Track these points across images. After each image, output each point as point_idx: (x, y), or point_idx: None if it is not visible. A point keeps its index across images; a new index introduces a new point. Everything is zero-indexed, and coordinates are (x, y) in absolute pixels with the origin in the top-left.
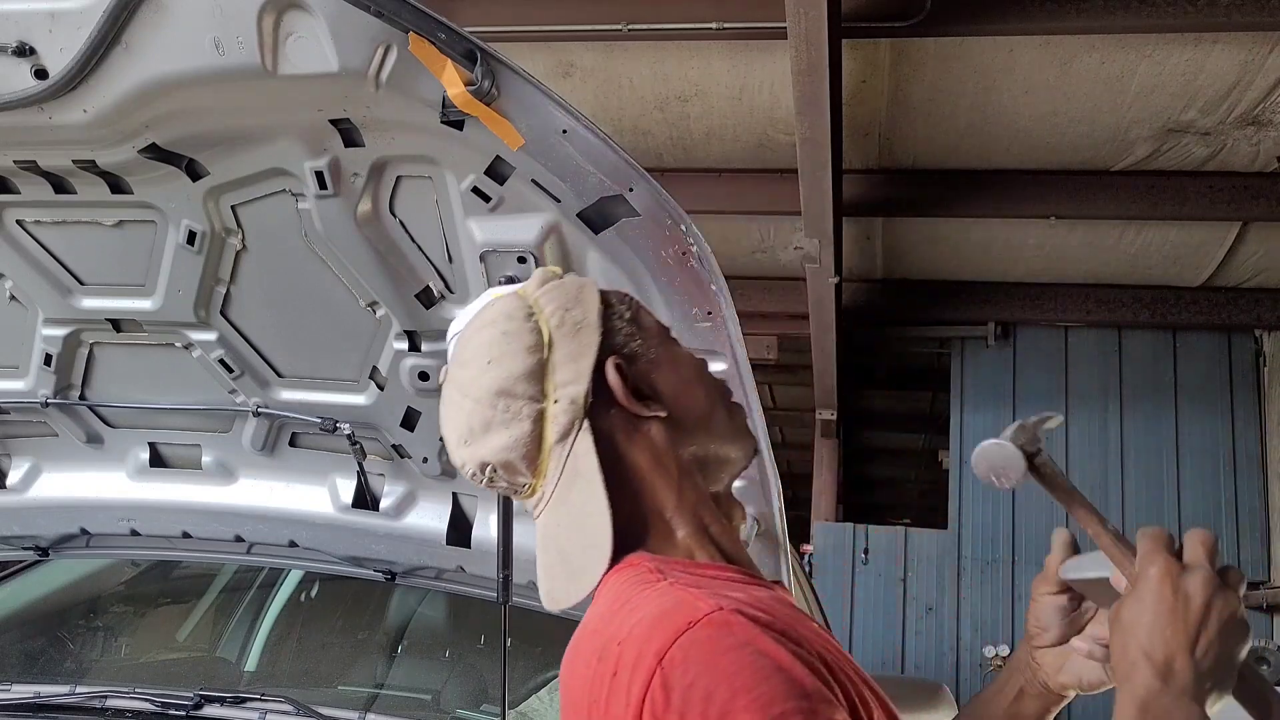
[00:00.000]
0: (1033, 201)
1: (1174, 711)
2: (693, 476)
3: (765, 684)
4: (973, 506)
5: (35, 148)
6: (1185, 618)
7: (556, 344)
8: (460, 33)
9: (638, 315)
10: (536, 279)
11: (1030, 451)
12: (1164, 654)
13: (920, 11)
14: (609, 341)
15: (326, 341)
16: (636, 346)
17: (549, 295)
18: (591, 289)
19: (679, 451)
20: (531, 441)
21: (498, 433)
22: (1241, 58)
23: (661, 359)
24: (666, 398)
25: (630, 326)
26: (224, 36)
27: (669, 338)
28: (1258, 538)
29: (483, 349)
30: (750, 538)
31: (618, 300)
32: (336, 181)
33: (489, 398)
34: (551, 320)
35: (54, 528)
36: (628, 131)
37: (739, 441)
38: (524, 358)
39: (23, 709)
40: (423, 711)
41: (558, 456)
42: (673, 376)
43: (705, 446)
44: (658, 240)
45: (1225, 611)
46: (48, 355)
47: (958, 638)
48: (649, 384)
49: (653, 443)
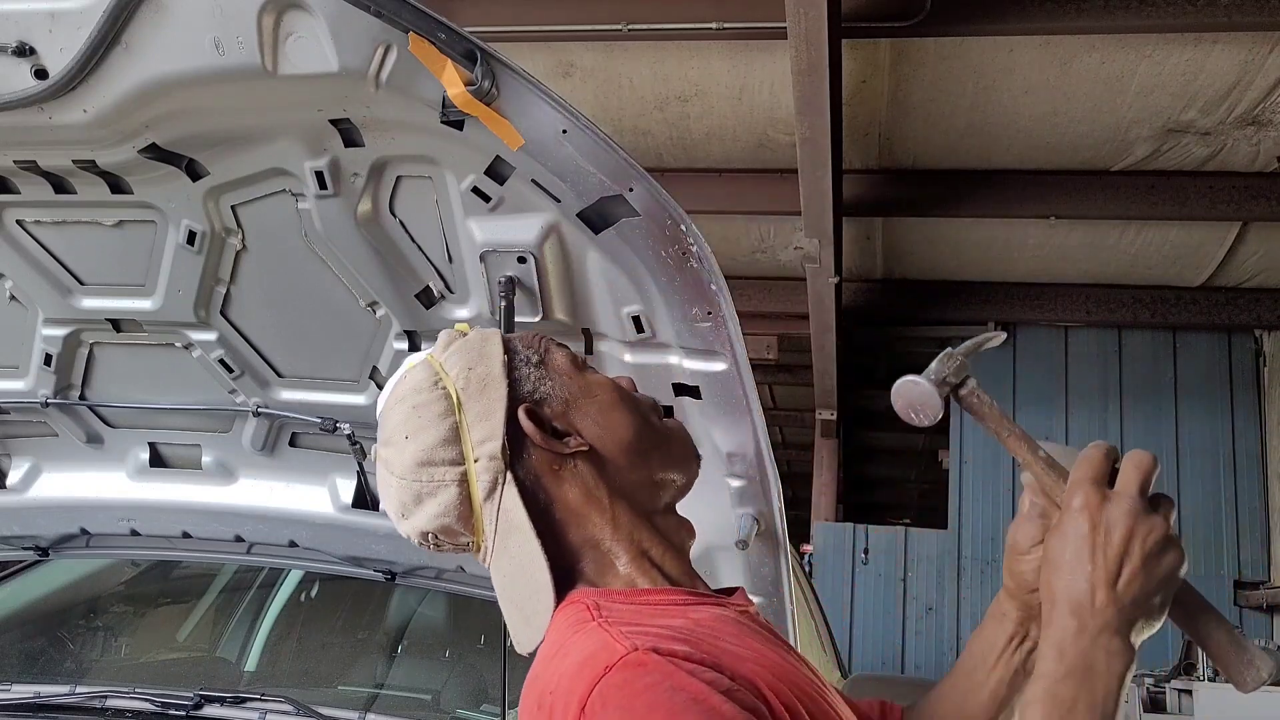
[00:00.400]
0: (1033, 201)
1: (1092, 652)
2: (628, 503)
3: (679, 718)
4: (973, 506)
5: (35, 148)
6: (1105, 551)
7: (466, 405)
8: (460, 33)
9: (547, 356)
10: (442, 341)
11: (955, 383)
12: (1081, 592)
13: (920, 11)
14: (517, 390)
15: (326, 341)
16: (548, 389)
17: (453, 358)
18: (494, 341)
19: (610, 481)
20: (461, 504)
21: (428, 503)
22: (1241, 58)
23: (576, 394)
24: (587, 431)
25: (538, 370)
26: (224, 36)
27: (584, 370)
28: (1258, 538)
29: (399, 426)
30: (750, 538)
31: (524, 345)
32: (336, 181)
33: (412, 471)
34: (458, 382)
35: (54, 528)
36: (628, 131)
37: (675, 459)
38: (437, 426)
39: (23, 709)
40: (423, 711)
41: (490, 512)
42: (590, 408)
43: (638, 470)
44: (658, 240)
45: (1150, 540)
46: (48, 355)
47: (958, 638)
48: (566, 422)
49: (581, 477)
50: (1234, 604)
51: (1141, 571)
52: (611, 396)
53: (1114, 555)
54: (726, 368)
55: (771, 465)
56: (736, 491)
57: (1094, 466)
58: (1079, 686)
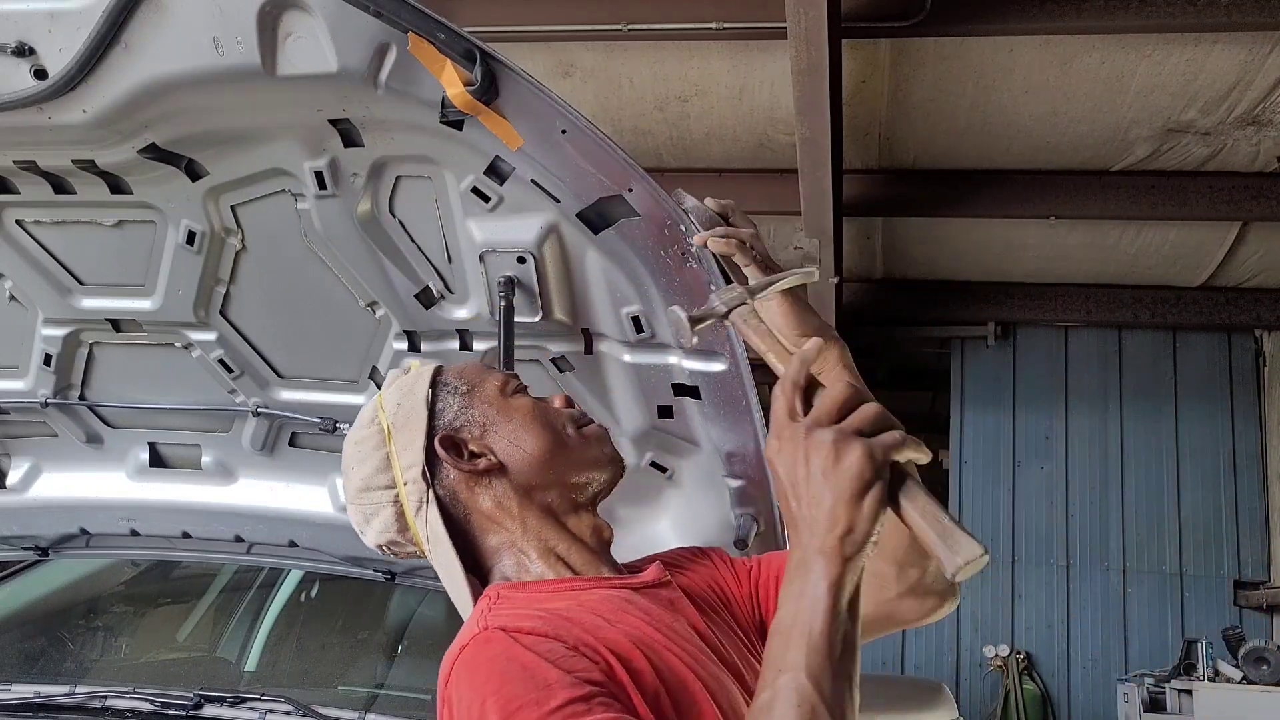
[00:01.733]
0: (1033, 201)
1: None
2: (539, 508)
3: (509, 684)
4: (973, 506)
5: (35, 148)
6: (789, 486)
7: (395, 436)
8: (459, 33)
9: (474, 388)
10: (388, 379)
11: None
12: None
13: (920, 11)
14: (437, 421)
15: (326, 341)
16: (468, 416)
17: (390, 394)
18: (423, 379)
19: (521, 490)
20: (398, 520)
21: (374, 521)
22: (1241, 58)
23: (494, 418)
24: (500, 450)
25: (463, 399)
26: (224, 36)
27: (511, 395)
28: (1258, 538)
29: (348, 459)
30: (750, 538)
31: (456, 376)
32: (336, 181)
33: (358, 496)
34: (391, 417)
35: (54, 528)
36: (628, 131)
37: (590, 466)
38: (373, 456)
39: (23, 709)
40: (423, 711)
41: (420, 526)
42: (505, 430)
43: (550, 479)
44: (658, 240)
45: (817, 457)
46: (48, 355)
47: (958, 638)
48: (482, 444)
49: (494, 490)
50: (1234, 604)
51: (825, 488)
52: (526, 417)
53: (797, 484)
54: (726, 368)
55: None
56: (736, 491)
57: (783, 408)
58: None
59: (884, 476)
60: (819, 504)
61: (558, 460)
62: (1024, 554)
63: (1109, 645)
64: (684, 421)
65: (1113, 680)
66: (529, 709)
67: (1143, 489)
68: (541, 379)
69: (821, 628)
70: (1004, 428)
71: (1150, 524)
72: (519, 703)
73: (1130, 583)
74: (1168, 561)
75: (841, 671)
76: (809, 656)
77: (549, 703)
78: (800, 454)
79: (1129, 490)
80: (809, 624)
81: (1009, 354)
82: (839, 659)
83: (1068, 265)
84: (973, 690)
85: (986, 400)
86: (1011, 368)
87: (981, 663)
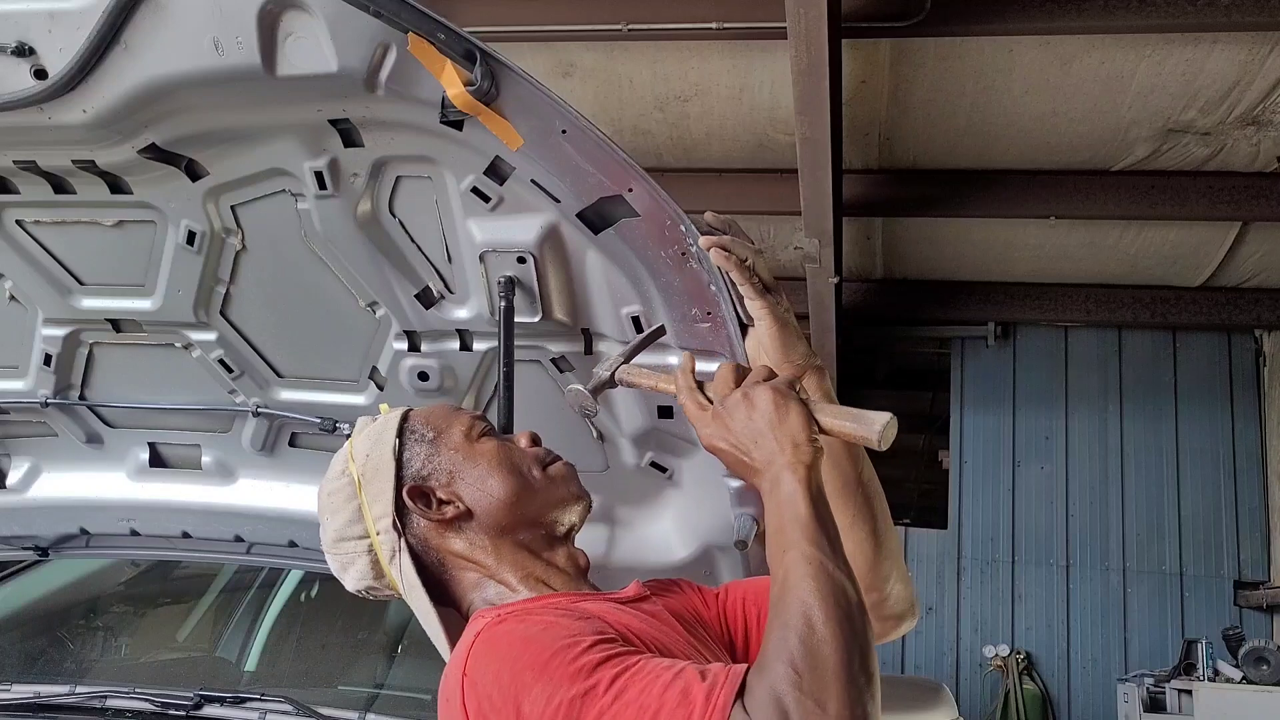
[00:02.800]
0: (1033, 201)
1: (772, 499)
2: (510, 545)
3: (533, 645)
4: (973, 506)
5: (35, 148)
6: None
7: (365, 487)
8: (459, 33)
9: (441, 434)
10: (358, 426)
11: (605, 377)
12: (739, 461)
13: (920, 11)
14: (404, 472)
15: (326, 341)
16: (435, 464)
17: (359, 443)
18: (390, 427)
19: (493, 531)
20: (373, 568)
21: (350, 570)
22: (1241, 58)
23: (460, 464)
24: (467, 496)
25: (429, 447)
26: (223, 37)
27: (476, 440)
28: (1258, 538)
29: (322, 509)
30: (749, 538)
31: (422, 423)
32: (336, 181)
33: (333, 546)
34: (361, 467)
35: (54, 528)
36: (628, 131)
37: (557, 505)
38: (345, 508)
39: (23, 709)
40: (423, 711)
41: (395, 572)
42: (471, 476)
43: (519, 519)
44: (657, 240)
45: (739, 414)
46: (48, 355)
47: (958, 638)
48: (449, 491)
49: (465, 533)
50: (1234, 604)
51: (744, 428)
52: (491, 464)
53: (736, 449)
54: None
55: None
56: (736, 492)
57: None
58: (778, 511)
59: (795, 398)
60: (762, 441)
61: (524, 503)
62: (1024, 554)
63: (1109, 645)
64: (684, 422)
65: (1113, 680)
66: (562, 654)
67: (1143, 489)
68: (542, 379)
69: (806, 512)
70: (1004, 428)
71: (1150, 524)
72: (550, 651)
73: (1130, 583)
74: (1168, 561)
75: (832, 536)
76: (803, 533)
77: (580, 644)
78: (725, 423)
79: (1129, 490)
80: (795, 514)
81: (1009, 354)
82: (828, 528)
83: (1068, 265)
84: (973, 690)
85: (986, 400)
86: (1011, 368)
87: (981, 663)
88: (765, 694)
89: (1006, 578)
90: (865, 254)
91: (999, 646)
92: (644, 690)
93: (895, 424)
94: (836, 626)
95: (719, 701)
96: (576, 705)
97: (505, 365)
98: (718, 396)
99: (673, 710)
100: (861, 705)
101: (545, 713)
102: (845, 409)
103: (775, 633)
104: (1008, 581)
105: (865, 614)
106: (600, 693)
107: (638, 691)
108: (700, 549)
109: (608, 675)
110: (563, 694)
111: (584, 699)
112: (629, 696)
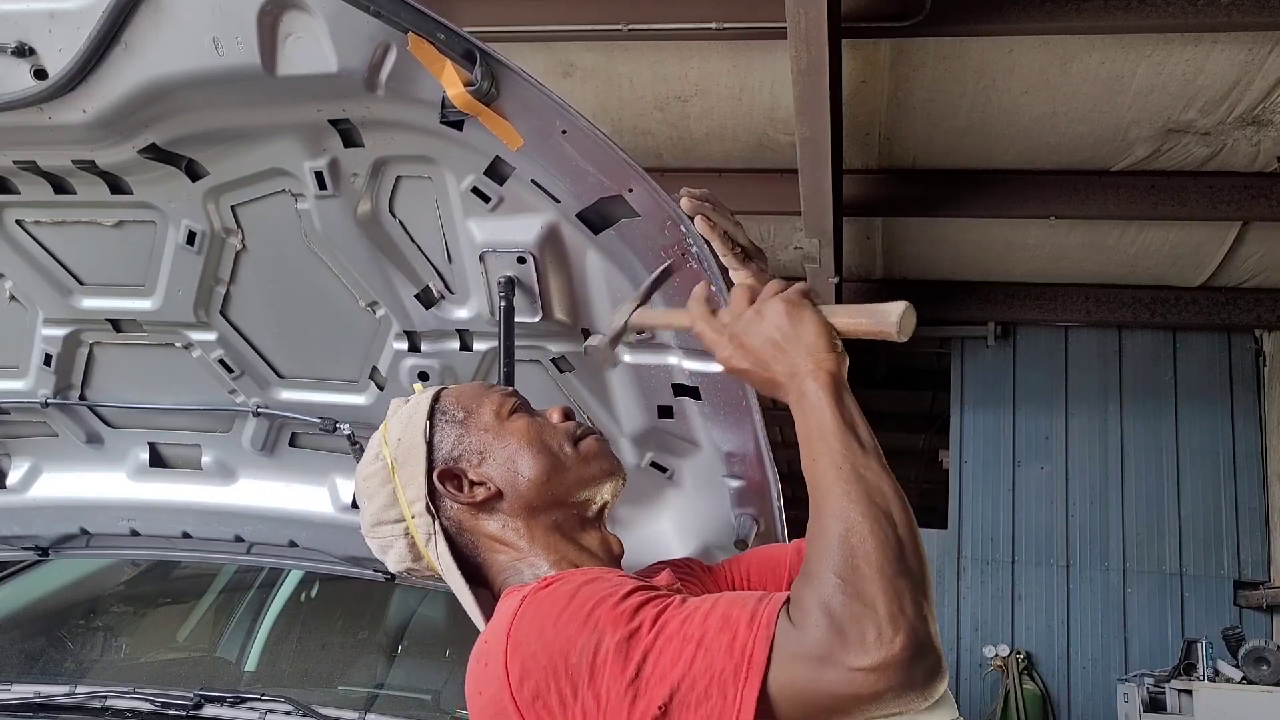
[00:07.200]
0: (1033, 201)
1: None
2: (543, 527)
3: (576, 599)
4: (973, 506)
5: (35, 148)
6: (759, 364)
7: (398, 470)
8: (459, 33)
9: (471, 414)
10: (391, 408)
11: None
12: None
13: (920, 11)
14: (435, 455)
15: (326, 341)
16: (465, 445)
17: (392, 426)
18: (420, 410)
19: (525, 511)
20: (411, 550)
21: (390, 553)
22: (1241, 58)
23: (491, 445)
24: (498, 477)
25: (460, 428)
26: (223, 36)
27: (506, 419)
28: (1258, 538)
29: (359, 494)
30: (750, 538)
31: (453, 403)
32: (336, 181)
33: (371, 530)
34: (394, 451)
35: (54, 528)
36: (628, 131)
37: (590, 483)
38: (380, 492)
39: (23, 709)
40: (423, 711)
41: (432, 554)
42: (502, 456)
43: (551, 499)
44: (658, 240)
45: (757, 329)
46: (48, 355)
47: (958, 638)
48: (480, 473)
49: (498, 514)
50: (1234, 604)
51: (757, 338)
52: (520, 442)
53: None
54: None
55: (771, 465)
56: (736, 491)
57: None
58: (804, 419)
59: (808, 306)
60: (781, 352)
61: (556, 481)
62: (1024, 554)
63: (1109, 645)
64: (684, 422)
65: (1113, 680)
66: (603, 603)
67: (1143, 489)
68: (542, 379)
69: (832, 418)
70: (1004, 428)
71: (1150, 524)
72: (593, 602)
73: (1130, 583)
74: (1168, 561)
75: (863, 438)
76: (831, 439)
77: (620, 591)
78: (742, 342)
79: (1129, 490)
80: (820, 423)
81: (1009, 354)
82: (858, 431)
83: (1068, 265)
84: (973, 690)
85: (986, 400)
86: (1011, 368)
87: (981, 663)
88: (811, 601)
89: (1006, 578)
90: (865, 254)
91: (999, 646)
92: (685, 620)
93: (913, 312)
94: (874, 524)
95: (764, 618)
96: (623, 649)
97: (505, 365)
98: (733, 312)
99: (717, 634)
100: (913, 598)
101: (595, 662)
102: (859, 306)
103: (814, 543)
104: (1008, 581)
105: (906, 507)
106: (645, 633)
107: (679, 623)
108: (700, 549)
109: (650, 615)
110: (609, 640)
111: (629, 641)
112: (670, 629)
